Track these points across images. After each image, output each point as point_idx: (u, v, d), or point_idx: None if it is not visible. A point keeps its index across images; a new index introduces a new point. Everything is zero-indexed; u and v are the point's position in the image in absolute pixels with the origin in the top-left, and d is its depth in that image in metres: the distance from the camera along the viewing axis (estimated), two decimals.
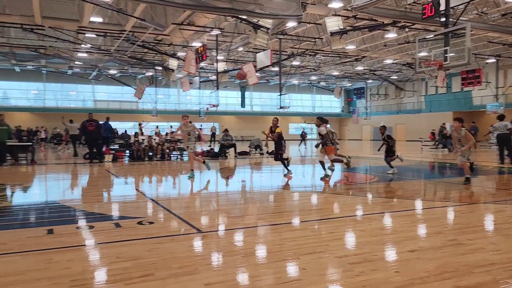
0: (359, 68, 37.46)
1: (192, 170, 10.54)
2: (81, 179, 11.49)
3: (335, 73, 40.84)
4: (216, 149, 19.90)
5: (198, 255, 4.31)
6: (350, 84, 51.17)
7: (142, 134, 21.27)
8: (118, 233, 5.03)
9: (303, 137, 33.00)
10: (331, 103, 55.24)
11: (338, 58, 31.93)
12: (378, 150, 12.01)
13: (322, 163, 10.68)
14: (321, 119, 10.48)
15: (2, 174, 11.91)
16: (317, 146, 11.56)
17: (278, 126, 10.83)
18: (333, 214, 6.52)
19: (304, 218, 6.10)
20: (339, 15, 18.75)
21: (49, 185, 10.28)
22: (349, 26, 20.83)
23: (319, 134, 10.50)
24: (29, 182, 10.62)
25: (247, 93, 47.29)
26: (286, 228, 5.38)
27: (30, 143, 16.38)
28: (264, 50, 22.25)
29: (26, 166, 14.47)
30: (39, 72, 40.97)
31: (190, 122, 10.73)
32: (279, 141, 10.92)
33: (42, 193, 8.91)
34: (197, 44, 23.32)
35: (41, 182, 10.79)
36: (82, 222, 5.71)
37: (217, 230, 5.40)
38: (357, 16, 19.26)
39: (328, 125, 11.35)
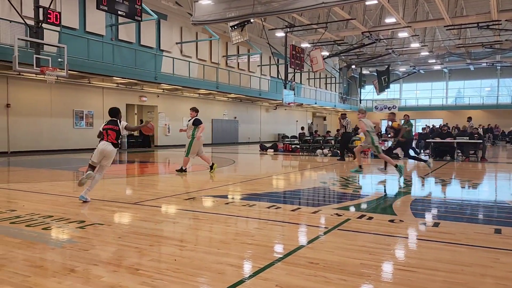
0: None
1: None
2: None
3: None
4: None
5: None
6: None
7: None
8: None
9: None
10: None
11: None
12: None
13: None
14: None
15: (452, 170, 12.69)
16: None
17: None
18: None
19: None
20: None
21: (499, 184, 10.00)
22: None
23: None
24: (477, 179, 10.71)
25: None
26: None
27: (481, 141, 16.37)
28: None
29: (476, 163, 14.70)
30: (493, 68, 40.32)
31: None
32: None
33: (491, 192, 8.79)
34: None
35: (490, 181, 10.66)
36: None
37: None
38: None
39: None
